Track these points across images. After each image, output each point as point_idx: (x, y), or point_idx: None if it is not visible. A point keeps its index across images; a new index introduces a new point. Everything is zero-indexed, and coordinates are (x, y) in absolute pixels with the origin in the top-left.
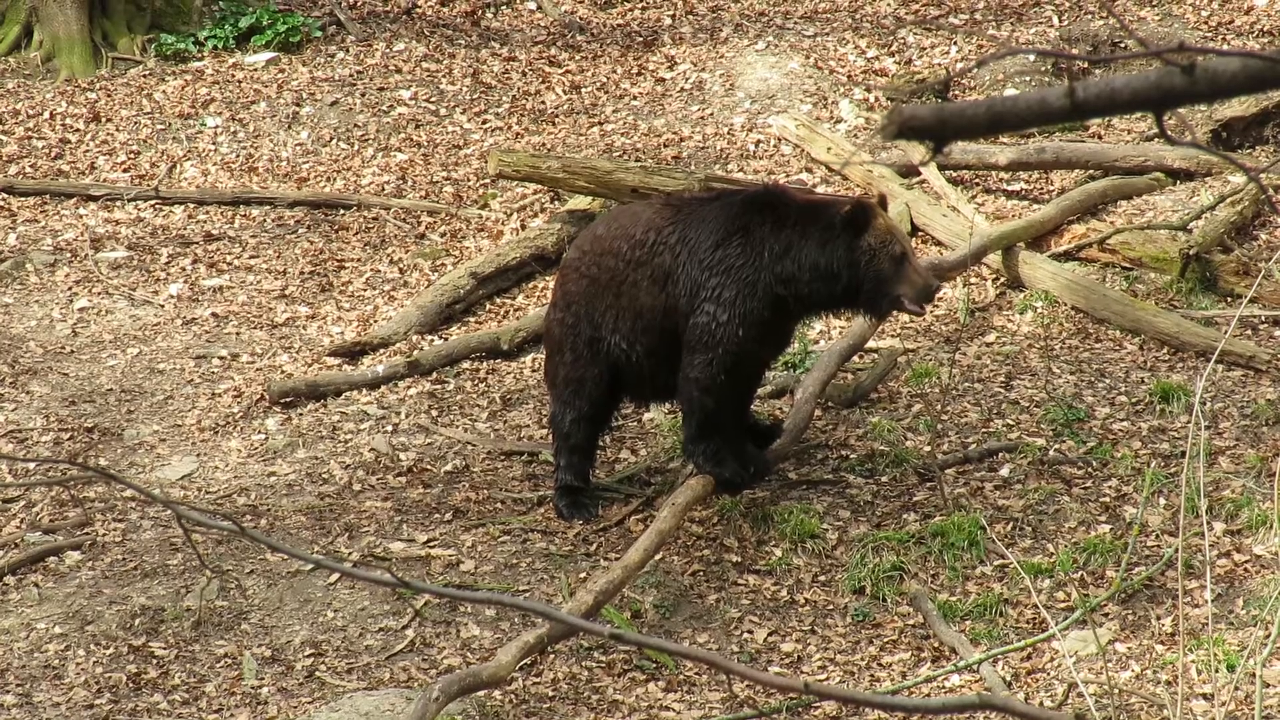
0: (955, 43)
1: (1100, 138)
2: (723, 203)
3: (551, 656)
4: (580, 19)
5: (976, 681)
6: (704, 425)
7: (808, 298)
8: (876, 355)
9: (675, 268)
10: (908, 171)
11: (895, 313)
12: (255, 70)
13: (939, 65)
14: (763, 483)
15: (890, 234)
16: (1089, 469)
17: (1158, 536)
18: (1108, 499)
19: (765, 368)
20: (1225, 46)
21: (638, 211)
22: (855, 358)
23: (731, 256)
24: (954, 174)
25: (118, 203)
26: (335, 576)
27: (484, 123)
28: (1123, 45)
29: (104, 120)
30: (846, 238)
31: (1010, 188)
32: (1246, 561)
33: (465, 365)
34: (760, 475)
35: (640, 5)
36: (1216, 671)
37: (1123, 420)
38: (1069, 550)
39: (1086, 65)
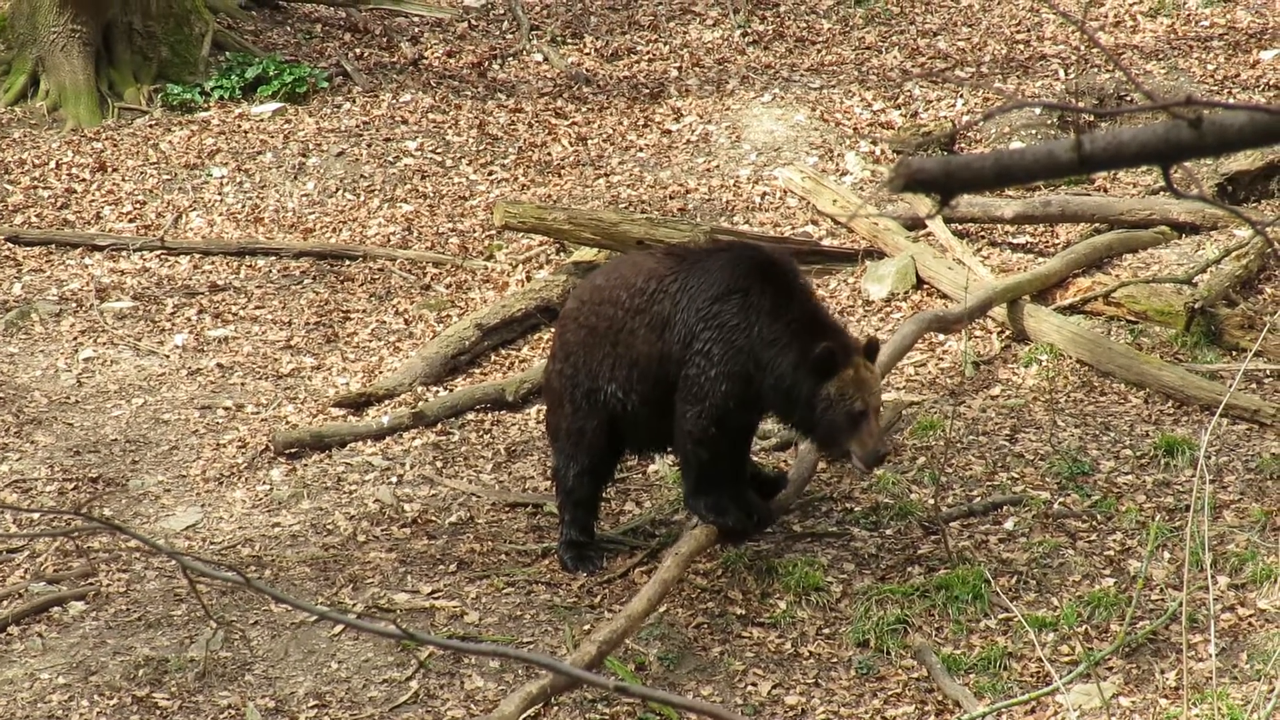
0: (961, 96)
1: (1106, 191)
2: (729, 256)
3: (555, 708)
4: (586, 71)
5: None
6: (702, 478)
7: (770, 400)
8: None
9: (674, 314)
10: (914, 224)
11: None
12: (261, 121)
13: (945, 118)
14: (766, 532)
15: (856, 388)
16: (1093, 522)
17: (1162, 590)
18: (1112, 552)
19: (758, 420)
20: (1232, 100)
21: (639, 261)
22: None
23: (726, 313)
24: (960, 227)
25: (123, 253)
26: (339, 628)
27: (490, 174)
28: (1129, 98)
29: (110, 170)
30: (813, 378)
31: (1016, 241)
32: (1250, 616)
33: (470, 416)
34: (764, 524)
35: (647, 57)
36: None
37: (1127, 474)
38: (1073, 604)
39: (1093, 118)
